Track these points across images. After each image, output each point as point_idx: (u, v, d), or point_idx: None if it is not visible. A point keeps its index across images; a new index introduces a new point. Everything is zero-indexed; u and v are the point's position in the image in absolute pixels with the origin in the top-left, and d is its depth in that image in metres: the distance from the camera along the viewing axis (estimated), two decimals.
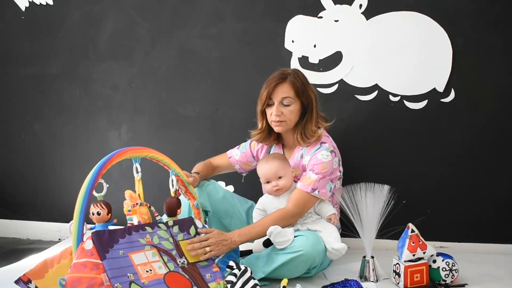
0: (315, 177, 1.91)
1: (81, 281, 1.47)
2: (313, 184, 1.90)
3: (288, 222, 1.89)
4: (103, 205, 1.66)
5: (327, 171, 1.93)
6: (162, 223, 1.75)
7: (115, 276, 1.50)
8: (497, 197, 2.26)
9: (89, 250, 1.52)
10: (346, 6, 2.28)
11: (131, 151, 1.75)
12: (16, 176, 2.70)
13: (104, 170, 1.61)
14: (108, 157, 1.65)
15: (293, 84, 1.97)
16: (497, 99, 2.23)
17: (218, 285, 1.69)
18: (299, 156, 2.02)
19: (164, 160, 1.86)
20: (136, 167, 1.79)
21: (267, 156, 2.03)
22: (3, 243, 2.59)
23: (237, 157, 2.20)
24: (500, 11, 2.18)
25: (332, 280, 1.88)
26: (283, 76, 1.98)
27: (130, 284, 1.51)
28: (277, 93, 1.97)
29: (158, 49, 2.50)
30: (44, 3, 2.55)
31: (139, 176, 1.81)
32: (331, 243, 1.86)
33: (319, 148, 1.96)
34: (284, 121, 1.97)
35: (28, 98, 2.63)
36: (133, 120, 2.56)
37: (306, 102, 1.99)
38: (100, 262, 1.51)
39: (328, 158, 1.93)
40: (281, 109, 1.96)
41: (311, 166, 1.94)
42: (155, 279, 1.56)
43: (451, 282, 1.82)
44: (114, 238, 1.58)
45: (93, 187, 1.56)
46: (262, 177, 1.98)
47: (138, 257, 1.59)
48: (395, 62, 2.28)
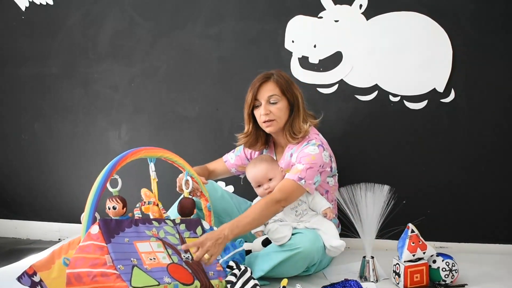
0: (302, 167, 1.90)
1: (84, 260, 1.48)
2: (300, 173, 1.88)
3: (273, 207, 1.85)
4: (118, 199, 1.69)
5: (315, 163, 1.91)
6: (169, 219, 1.76)
7: (118, 258, 1.51)
8: (497, 197, 2.26)
9: (94, 234, 1.53)
10: (346, 6, 2.28)
11: (146, 150, 1.78)
12: (16, 176, 2.70)
13: (119, 167, 1.66)
14: (123, 155, 1.69)
15: (277, 82, 1.99)
16: (497, 99, 2.23)
17: (220, 283, 1.69)
18: (288, 156, 2.03)
19: (179, 161, 1.88)
20: (151, 166, 1.82)
21: (254, 159, 2.04)
22: (3, 243, 2.59)
23: (232, 161, 2.21)
24: (500, 11, 2.18)
25: (332, 280, 1.88)
26: (267, 76, 2.00)
27: (133, 267, 1.52)
28: (263, 92, 1.98)
29: (158, 49, 2.50)
30: (44, 3, 2.55)
31: (154, 175, 1.83)
32: (330, 241, 1.86)
33: (306, 144, 1.97)
34: (274, 119, 1.98)
35: (28, 98, 2.63)
36: (133, 120, 2.56)
37: (292, 100, 2.00)
38: (105, 245, 1.52)
39: (315, 151, 1.93)
40: (269, 107, 1.97)
41: (299, 159, 1.93)
42: (158, 267, 1.57)
43: (451, 282, 1.82)
44: (120, 226, 1.60)
45: (106, 181, 1.61)
46: (253, 181, 1.98)
47: (143, 246, 1.60)
48: (395, 62, 2.28)
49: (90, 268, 1.47)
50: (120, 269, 1.49)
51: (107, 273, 1.48)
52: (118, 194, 1.71)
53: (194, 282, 1.61)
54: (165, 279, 1.54)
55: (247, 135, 2.09)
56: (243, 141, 2.11)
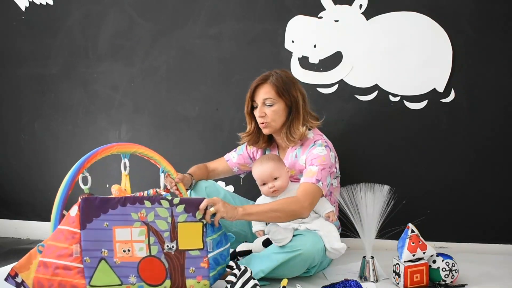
0: (316, 168, 1.91)
1: (54, 249, 1.50)
2: (317, 175, 1.89)
3: (293, 205, 1.82)
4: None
5: (326, 164, 1.92)
6: (165, 199, 1.63)
7: (88, 249, 1.50)
8: (497, 197, 2.26)
9: (72, 217, 1.52)
10: (346, 6, 2.28)
11: (119, 146, 1.76)
12: (16, 176, 2.70)
13: (88, 164, 1.65)
14: (93, 152, 1.67)
15: (273, 84, 1.98)
16: (497, 99, 2.23)
17: (197, 283, 1.62)
18: (293, 156, 2.03)
19: (154, 157, 1.86)
20: (125, 162, 1.80)
21: (262, 157, 2.04)
22: (3, 243, 2.59)
23: (235, 160, 2.21)
24: (500, 11, 2.18)
25: (332, 280, 1.88)
26: (265, 78, 2.00)
27: (100, 260, 1.50)
28: (259, 94, 1.99)
29: (158, 49, 2.50)
30: (44, 3, 2.55)
31: (127, 172, 1.82)
32: (331, 243, 1.86)
33: (313, 145, 1.97)
34: (269, 122, 1.99)
35: (28, 98, 2.64)
36: (133, 120, 2.56)
37: (289, 102, 1.99)
38: (78, 231, 1.51)
39: (324, 152, 1.94)
40: (264, 109, 1.98)
41: (310, 161, 1.94)
42: (129, 262, 1.54)
43: (451, 282, 1.82)
44: (104, 207, 1.55)
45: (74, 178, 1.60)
46: (258, 179, 1.98)
47: (122, 232, 1.55)
48: (395, 62, 2.28)
49: (56, 259, 1.49)
50: (86, 261, 1.49)
51: (69, 266, 1.49)
52: (89, 192, 1.68)
53: (164, 283, 1.57)
54: (130, 279, 1.52)
55: (249, 134, 2.10)
56: (246, 139, 2.12)
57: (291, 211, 1.81)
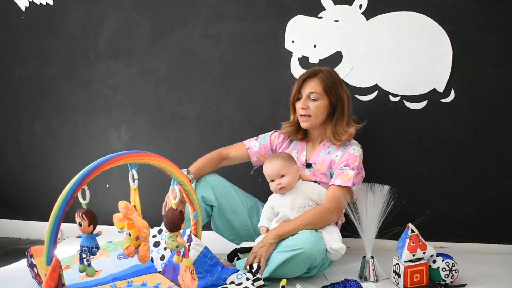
0: (352, 172, 1.97)
1: None
2: (353, 179, 1.96)
3: (324, 214, 1.91)
4: (85, 216, 1.47)
5: (358, 166, 2.00)
6: None
7: None
8: (497, 197, 2.26)
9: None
10: (346, 6, 2.28)
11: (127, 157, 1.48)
12: (16, 176, 2.70)
13: (91, 178, 1.41)
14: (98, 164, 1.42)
15: (322, 80, 2.02)
16: (497, 99, 2.23)
17: None
18: (326, 153, 2.07)
19: (167, 168, 1.58)
20: (133, 174, 1.55)
21: (272, 155, 2.07)
22: (3, 243, 2.59)
23: (256, 149, 2.19)
24: (500, 11, 2.18)
25: (332, 280, 1.88)
26: (315, 72, 2.04)
27: None
28: (306, 87, 2.03)
29: (158, 49, 2.49)
30: (44, 3, 2.55)
31: (136, 185, 1.56)
32: (330, 243, 1.86)
33: (349, 143, 2.04)
34: (310, 115, 2.02)
35: (28, 98, 2.63)
36: (133, 120, 2.56)
37: (335, 101, 2.03)
38: None
39: (359, 152, 2.03)
40: (308, 102, 2.02)
41: (345, 161, 1.99)
42: None
43: (451, 282, 1.82)
44: None
45: (74, 193, 1.38)
46: (267, 176, 2.01)
47: None
48: (395, 62, 2.27)
49: None
50: None
51: None
52: (86, 208, 1.49)
53: None
54: None
55: (292, 125, 2.13)
56: (287, 130, 2.14)
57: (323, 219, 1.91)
